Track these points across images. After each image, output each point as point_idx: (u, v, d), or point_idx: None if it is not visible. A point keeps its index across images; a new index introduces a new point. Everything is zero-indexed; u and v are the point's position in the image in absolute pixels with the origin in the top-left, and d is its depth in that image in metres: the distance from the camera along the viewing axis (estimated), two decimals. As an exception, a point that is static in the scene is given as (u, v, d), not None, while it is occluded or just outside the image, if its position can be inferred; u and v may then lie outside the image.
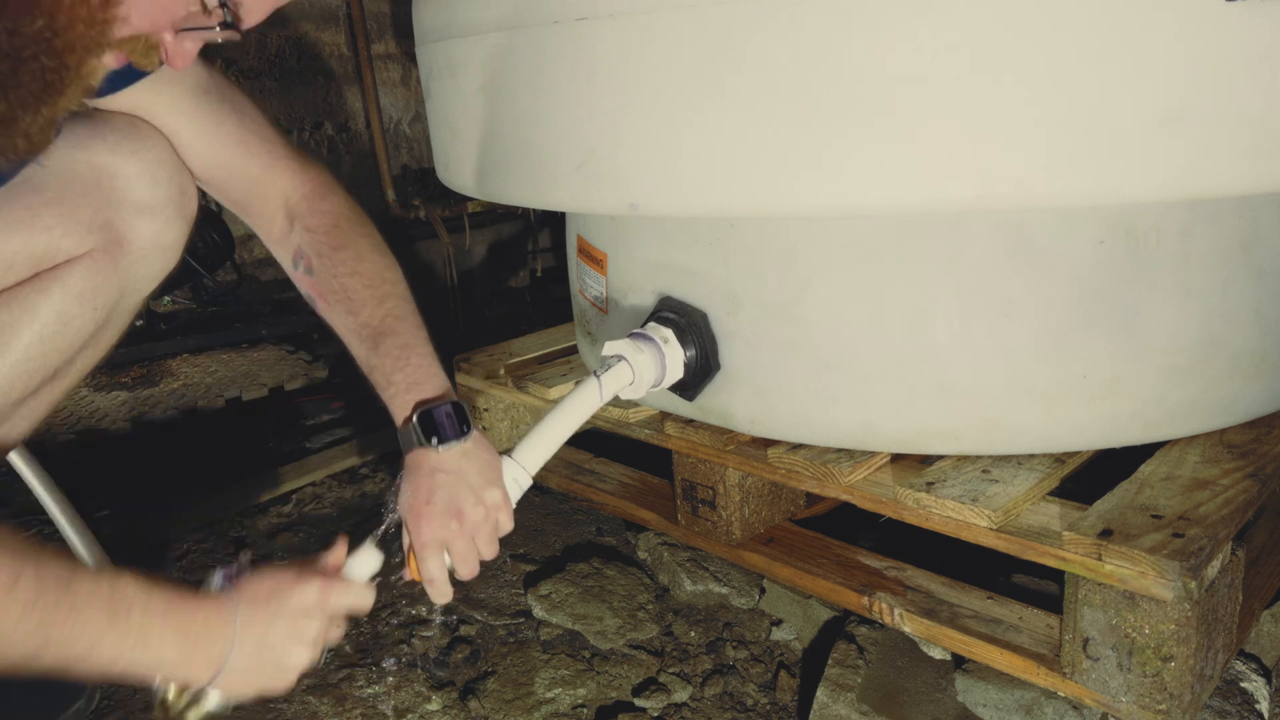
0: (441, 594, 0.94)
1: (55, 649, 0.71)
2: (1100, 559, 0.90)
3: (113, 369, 2.06)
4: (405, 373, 0.97)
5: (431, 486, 0.93)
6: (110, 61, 0.70)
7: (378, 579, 0.93)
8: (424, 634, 1.27)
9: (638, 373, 1.12)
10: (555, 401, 1.08)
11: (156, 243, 0.95)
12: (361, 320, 0.99)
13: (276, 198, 1.02)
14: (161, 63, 0.72)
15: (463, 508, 0.92)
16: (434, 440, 0.93)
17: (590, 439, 1.67)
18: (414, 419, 0.93)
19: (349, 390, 2.18)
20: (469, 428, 0.95)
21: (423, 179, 2.98)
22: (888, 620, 1.11)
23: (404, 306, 1.01)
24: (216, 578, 0.84)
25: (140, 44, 0.70)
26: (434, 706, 1.14)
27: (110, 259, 0.93)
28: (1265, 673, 1.07)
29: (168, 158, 0.95)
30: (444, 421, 0.94)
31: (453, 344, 2.56)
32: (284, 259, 1.06)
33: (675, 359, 1.16)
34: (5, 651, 0.69)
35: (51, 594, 0.71)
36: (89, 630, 0.73)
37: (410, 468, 0.95)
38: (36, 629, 0.70)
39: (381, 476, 1.78)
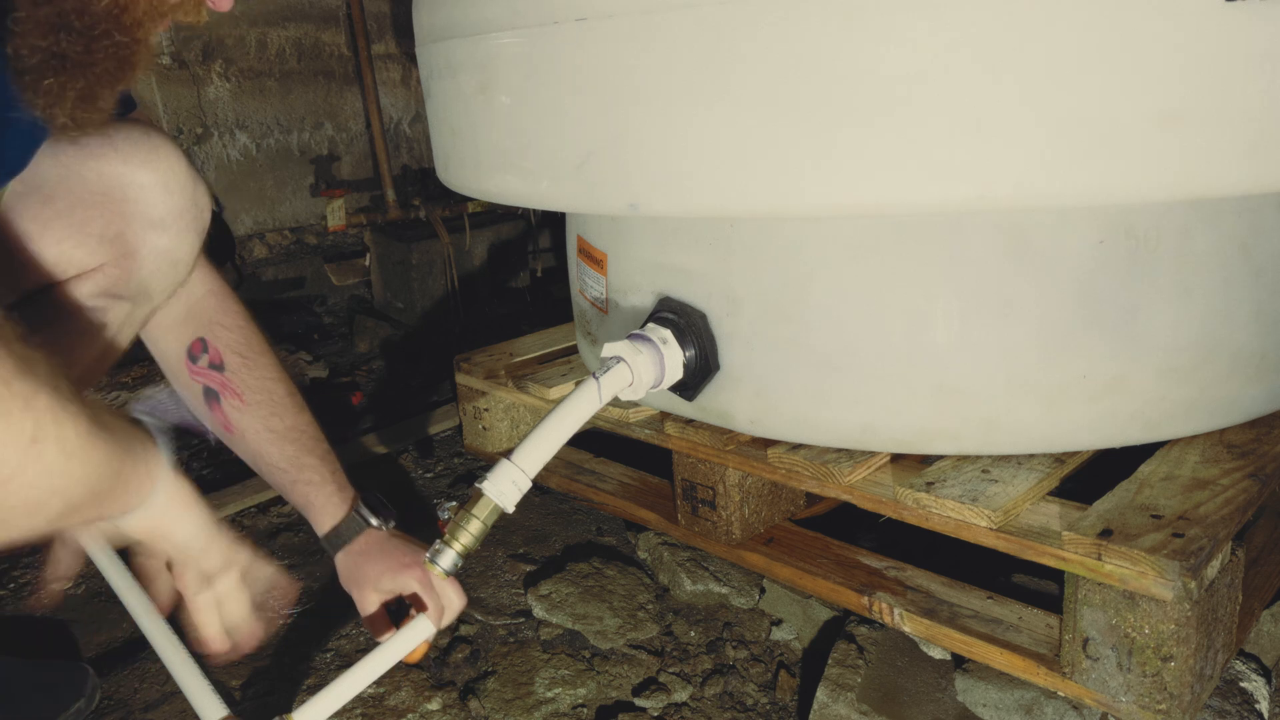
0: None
1: (122, 469, 0.66)
2: (1100, 559, 0.90)
3: (113, 369, 2.06)
4: (337, 475, 1.08)
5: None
6: (165, 25, 0.73)
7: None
8: (424, 634, 1.27)
9: (636, 374, 1.12)
10: (555, 401, 1.08)
11: (169, 256, 0.93)
12: (288, 425, 1.05)
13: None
14: (207, 14, 0.75)
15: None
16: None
17: (590, 439, 1.67)
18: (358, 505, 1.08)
19: (349, 390, 2.18)
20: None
21: (423, 179, 2.99)
22: (888, 620, 1.11)
23: (310, 419, 1.09)
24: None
25: (191, 3, 0.73)
26: (434, 706, 1.14)
27: (122, 273, 0.91)
28: (1265, 672, 1.07)
29: (181, 168, 0.93)
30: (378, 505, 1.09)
31: (453, 344, 2.57)
32: (169, 348, 1.06)
33: (674, 360, 1.16)
34: (98, 465, 0.61)
35: (102, 415, 0.64)
36: (131, 455, 0.69)
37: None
38: (111, 444, 0.63)
39: (381, 477, 1.78)
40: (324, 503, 1.07)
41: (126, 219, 0.89)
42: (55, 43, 0.65)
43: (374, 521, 1.07)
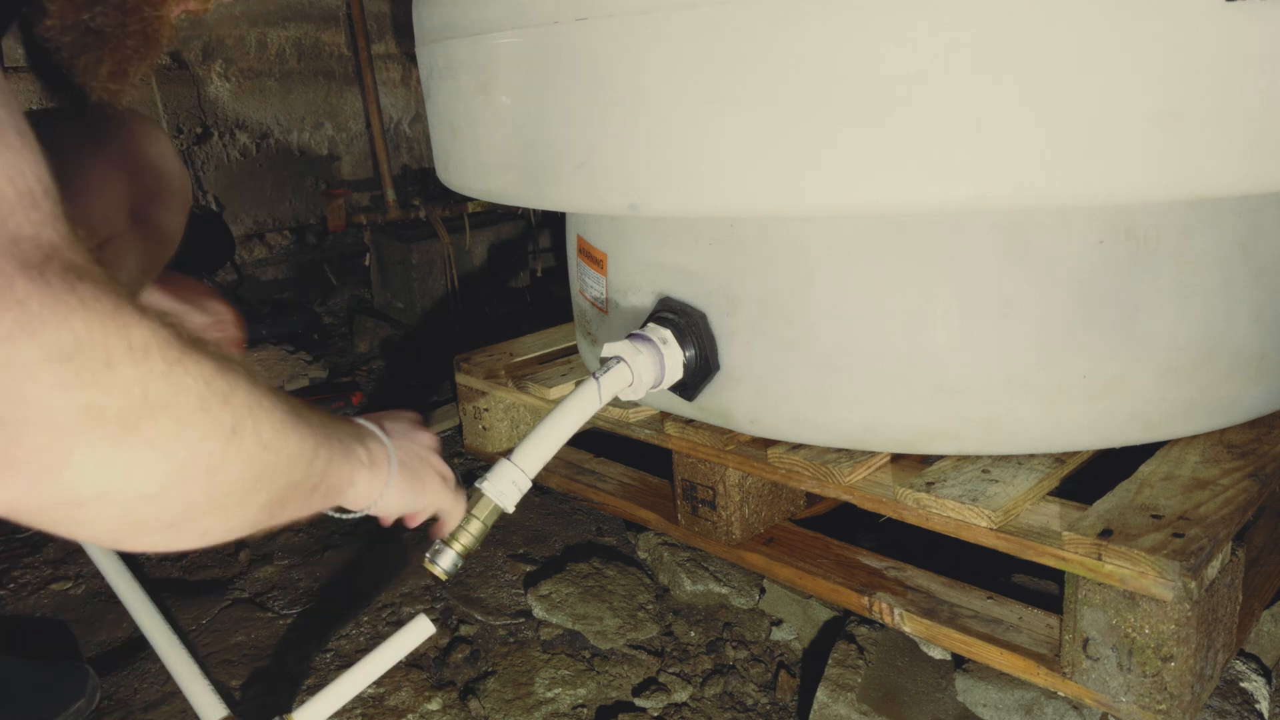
0: None
1: (320, 456, 0.66)
2: (1100, 559, 0.90)
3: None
4: None
5: None
6: (176, 9, 0.76)
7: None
8: (424, 634, 1.27)
9: (636, 374, 1.12)
10: (555, 401, 1.08)
11: (164, 231, 1.01)
12: None
13: None
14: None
15: None
16: None
17: (590, 439, 1.67)
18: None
19: (349, 390, 2.18)
20: None
21: (423, 179, 2.98)
22: (888, 620, 1.11)
23: None
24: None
25: None
26: (434, 706, 1.14)
27: (125, 247, 0.96)
28: (1265, 673, 1.07)
29: (172, 152, 1.01)
30: None
31: (453, 344, 2.56)
32: None
33: (674, 360, 1.16)
34: (295, 457, 0.62)
35: (300, 410, 0.65)
36: (323, 433, 0.67)
37: None
38: (306, 430, 0.63)
39: (381, 476, 1.78)
40: None
41: (131, 197, 0.96)
42: (91, 17, 0.68)
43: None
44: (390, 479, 0.80)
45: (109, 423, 0.45)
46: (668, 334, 1.17)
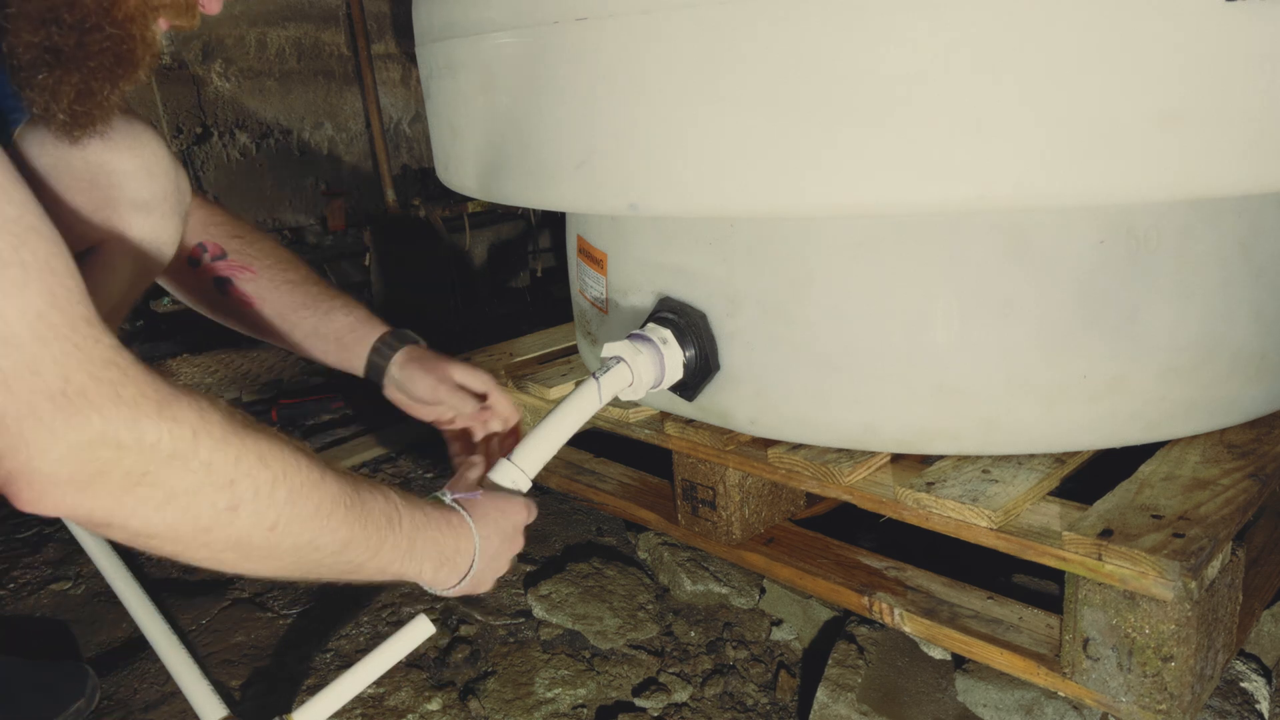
0: None
1: (352, 550, 0.73)
2: (1100, 559, 0.90)
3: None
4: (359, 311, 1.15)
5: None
6: (162, 25, 0.75)
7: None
8: (424, 634, 1.27)
9: (636, 374, 1.12)
10: (555, 401, 1.08)
11: (156, 239, 0.96)
12: (302, 274, 1.12)
13: None
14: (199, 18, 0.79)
15: None
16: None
17: (590, 439, 1.67)
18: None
19: (349, 390, 2.18)
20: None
21: (423, 179, 2.99)
22: (888, 620, 1.11)
23: (320, 276, 1.17)
24: (445, 496, 0.90)
25: (182, 3, 0.76)
26: (434, 706, 1.14)
27: (111, 255, 0.93)
28: (1265, 673, 1.07)
29: (163, 153, 0.97)
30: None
31: (453, 344, 2.56)
32: (171, 267, 1.10)
33: (674, 360, 1.16)
34: (318, 544, 0.71)
35: (349, 494, 0.73)
36: (376, 534, 0.75)
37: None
38: (341, 526, 0.72)
39: (381, 476, 1.78)
40: (364, 321, 1.13)
41: (113, 204, 0.92)
42: (47, 37, 0.68)
43: (420, 341, 1.15)
44: (458, 586, 0.87)
45: (114, 483, 0.59)
46: (668, 334, 1.17)
